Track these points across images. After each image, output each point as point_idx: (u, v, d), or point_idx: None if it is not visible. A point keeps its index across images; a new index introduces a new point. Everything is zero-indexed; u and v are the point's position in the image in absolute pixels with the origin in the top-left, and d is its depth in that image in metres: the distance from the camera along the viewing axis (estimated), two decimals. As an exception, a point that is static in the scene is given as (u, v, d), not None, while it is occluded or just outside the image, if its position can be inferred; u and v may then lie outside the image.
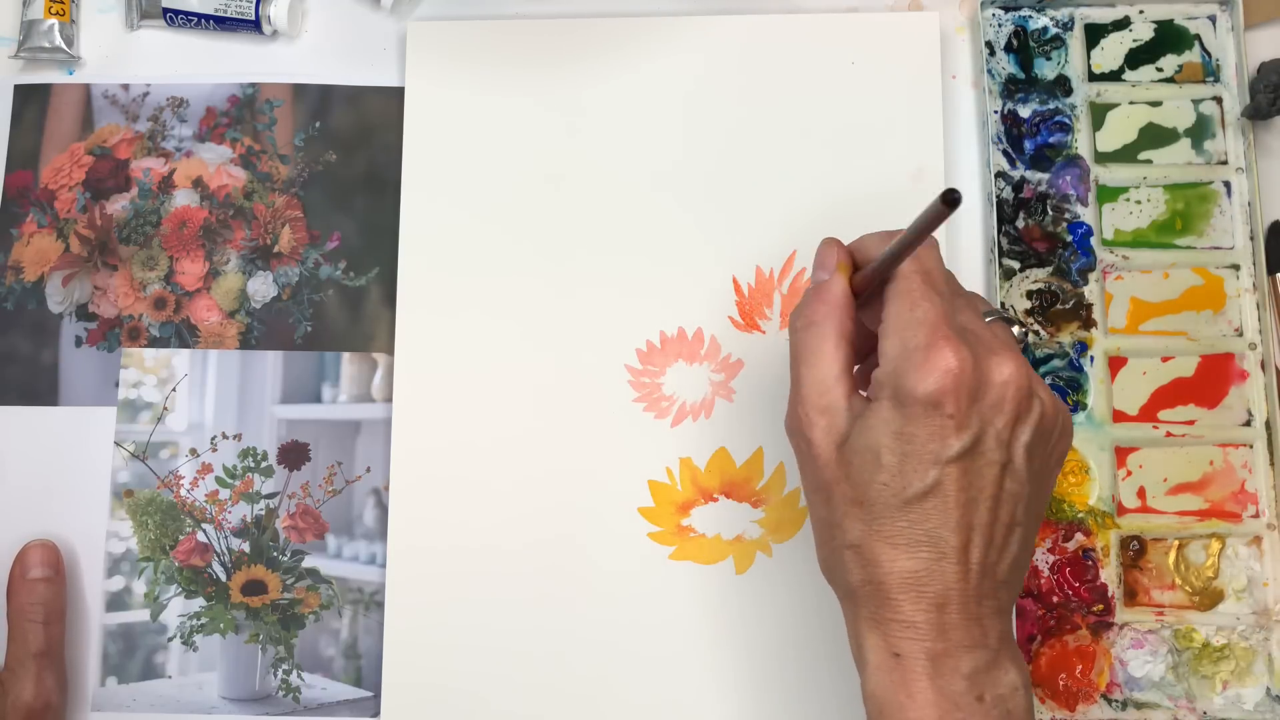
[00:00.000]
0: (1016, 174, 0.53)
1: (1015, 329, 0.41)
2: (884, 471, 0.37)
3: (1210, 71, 0.54)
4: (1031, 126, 0.54)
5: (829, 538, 0.39)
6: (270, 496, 0.52)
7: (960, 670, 0.37)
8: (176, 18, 0.55)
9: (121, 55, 0.56)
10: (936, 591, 0.37)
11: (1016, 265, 0.53)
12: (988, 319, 0.40)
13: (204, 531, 0.52)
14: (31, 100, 0.56)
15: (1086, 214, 0.53)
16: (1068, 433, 0.40)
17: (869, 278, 0.40)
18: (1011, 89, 0.54)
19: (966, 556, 0.37)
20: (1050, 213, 0.53)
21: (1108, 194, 0.53)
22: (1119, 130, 0.54)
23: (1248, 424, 0.51)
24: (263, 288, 0.54)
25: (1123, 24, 0.55)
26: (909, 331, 0.38)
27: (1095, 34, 0.55)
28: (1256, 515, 0.51)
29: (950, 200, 0.34)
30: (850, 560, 0.38)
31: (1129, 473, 0.51)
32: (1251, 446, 0.51)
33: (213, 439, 0.53)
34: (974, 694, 0.37)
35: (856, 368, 0.41)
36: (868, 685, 0.38)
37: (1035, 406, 0.38)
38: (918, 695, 0.37)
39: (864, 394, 0.40)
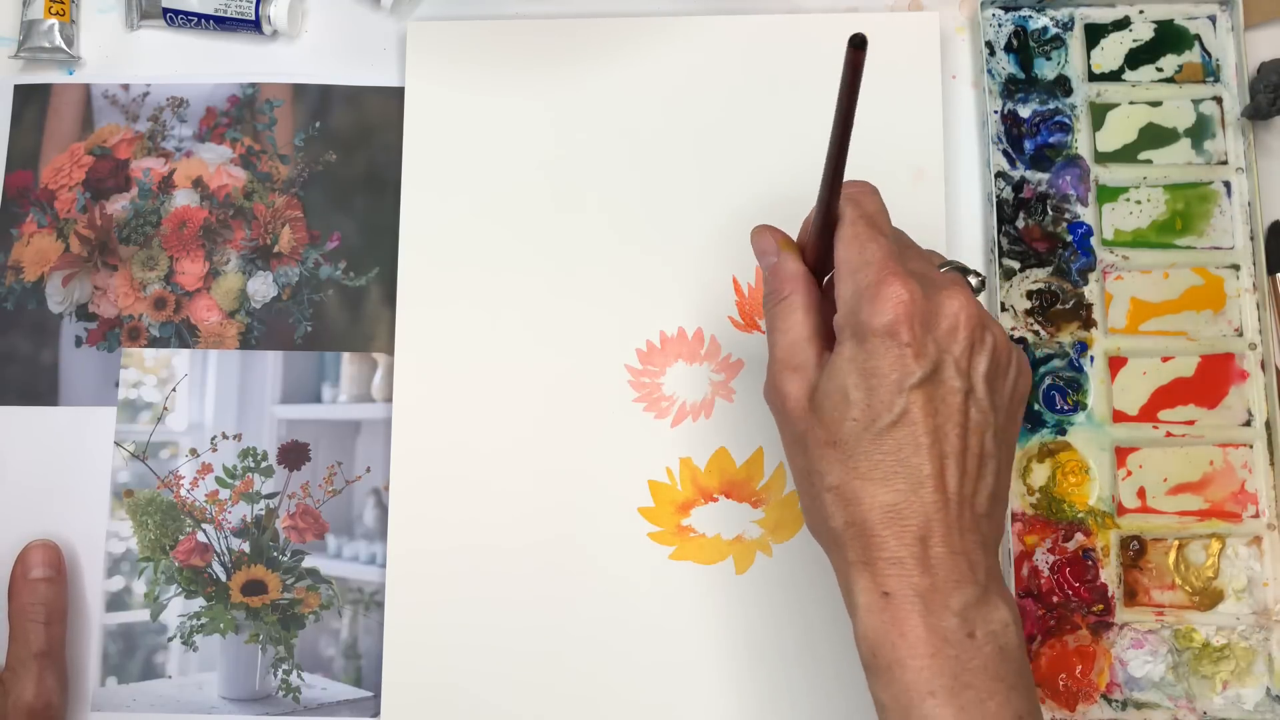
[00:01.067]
0: (1016, 174, 0.53)
1: (971, 279, 0.43)
2: (853, 408, 0.38)
3: (1210, 71, 0.54)
4: (1031, 126, 0.54)
5: (809, 486, 0.40)
6: (270, 496, 0.52)
7: (950, 607, 0.37)
8: (176, 18, 0.55)
9: (121, 55, 0.56)
10: (918, 524, 0.37)
11: (1016, 265, 0.53)
12: (942, 269, 0.42)
13: (204, 531, 0.52)
14: (31, 100, 0.56)
15: (1086, 214, 0.53)
16: (1025, 371, 0.41)
17: (820, 221, 0.41)
18: (1011, 89, 0.54)
19: (943, 485, 0.38)
20: (1050, 213, 0.53)
21: (1108, 194, 0.53)
22: (1119, 130, 0.54)
23: (1248, 424, 0.51)
24: (263, 288, 0.54)
25: (1123, 24, 0.55)
26: (860, 273, 0.39)
27: (1095, 34, 0.55)
28: (1256, 515, 0.51)
29: (857, 43, 0.34)
30: (831, 503, 0.39)
31: (1129, 473, 0.51)
32: (1251, 446, 0.51)
33: (213, 439, 0.53)
34: (965, 630, 0.37)
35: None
36: (859, 627, 0.38)
37: (988, 338, 0.40)
38: (909, 633, 0.37)
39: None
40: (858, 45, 0.35)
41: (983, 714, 0.36)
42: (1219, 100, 0.54)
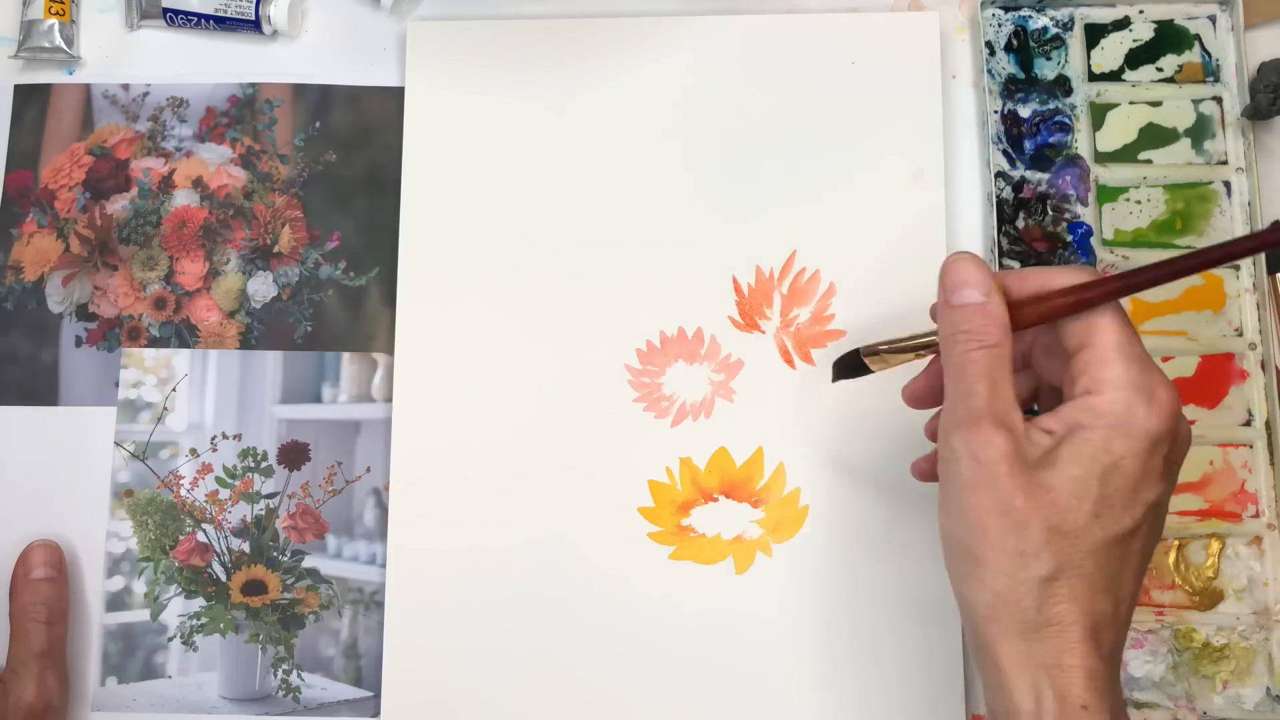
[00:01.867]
0: (1016, 174, 0.53)
1: None
2: (1094, 503, 0.36)
3: (1210, 71, 0.54)
4: (1031, 126, 0.54)
5: (1015, 568, 0.36)
6: (270, 496, 0.52)
7: None
8: (176, 18, 0.55)
9: (121, 55, 0.56)
10: (1113, 639, 0.36)
11: (1017, 265, 0.53)
12: None
13: (204, 531, 0.52)
14: (31, 100, 0.56)
15: (1086, 214, 0.53)
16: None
17: (1070, 298, 0.38)
18: (1011, 89, 0.54)
19: (1131, 605, 0.37)
20: (1050, 213, 0.53)
21: (1108, 194, 0.53)
22: (1119, 130, 0.54)
23: (1248, 424, 0.51)
24: (263, 288, 0.54)
25: (1123, 24, 0.55)
26: (1133, 365, 0.37)
27: (1095, 34, 0.55)
28: (1256, 515, 0.51)
29: None
30: (1041, 594, 0.36)
31: (1129, 473, 0.51)
32: (1251, 446, 0.51)
33: (213, 439, 0.53)
34: None
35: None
36: None
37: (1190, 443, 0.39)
38: None
39: (1035, 425, 0.38)
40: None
41: None
42: (1219, 100, 0.54)
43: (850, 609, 0.50)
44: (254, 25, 0.55)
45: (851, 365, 0.44)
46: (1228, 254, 0.37)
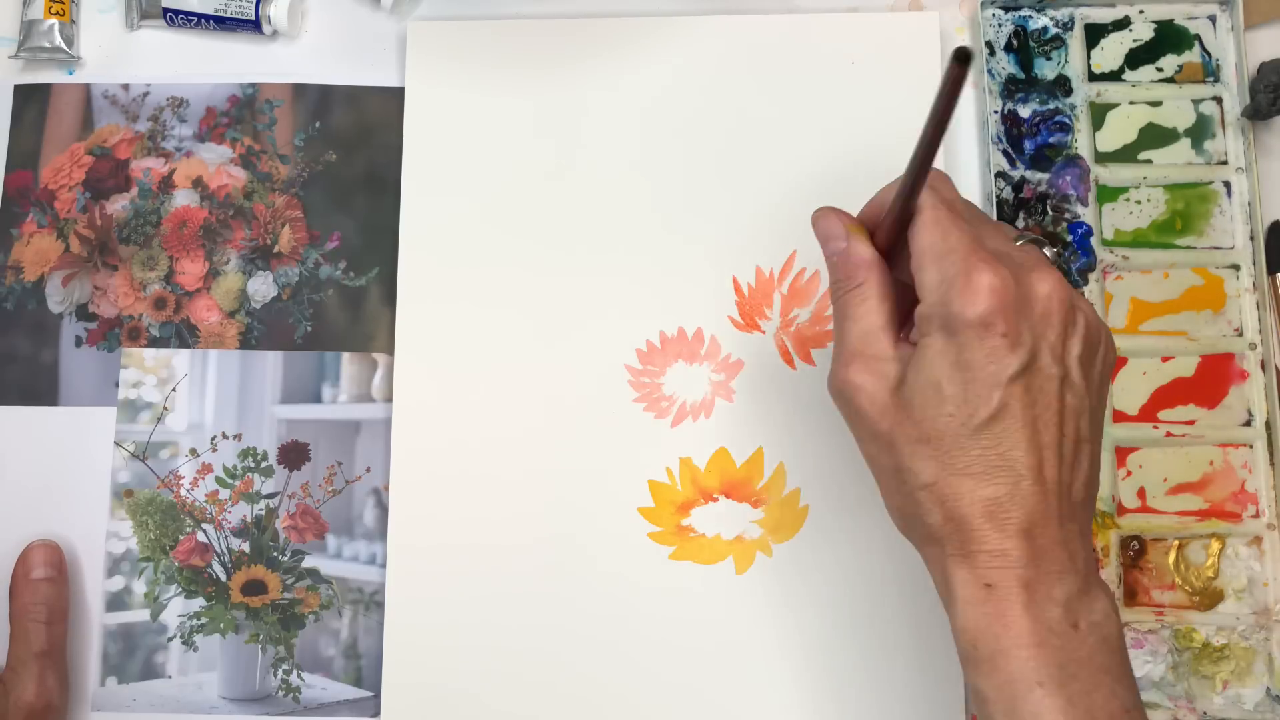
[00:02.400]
0: (1016, 174, 0.53)
1: (1047, 250, 0.41)
2: (948, 403, 0.37)
3: (1210, 71, 0.54)
4: (1031, 126, 0.54)
5: (899, 484, 0.39)
6: (270, 496, 0.52)
7: (1054, 597, 0.36)
8: (176, 18, 0.55)
9: (121, 55, 0.56)
10: (1020, 517, 0.37)
11: (1016, 265, 0.52)
12: (1018, 243, 0.40)
13: (204, 531, 0.52)
14: (31, 100, 0.56)
15: (1086, 214, 0.53)
16: (1111, 345, 0.40)
17: (899, 210, 0.39)
18: (1011, 89, 0.54)
19: (1042, 476, 0.37)
20: (1050, 213, 0.53)
21: (1108, 194, 0.53)
22: (1119, 130, 0.54)
23: (1248, 424, 0.51)
24: (263, 288, 0.54)
25: (1123, 24, 0.55)
26: (945, 260, 0.38)
27: (1095, 34, 0.55)
28: (1256, 515, 0.51)
29: (962, 57, 0.33)
30: (927, 501, 0.38)
31: (1129, 473, 0.51)
32: (1251, 446, 0.51)
33: (213, 439, 0.53)
34: (1069, 621, 0.36)
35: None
36: (959, 620, 0.37)
37: (1080, 318, 0.39)
38: (1013, 624, 0.36)
39: (909, 341, 0.39)
40: (962, 60, 0.33)
41: (1089, 706, 0.36)
42: (1219, 100, 0.54)
43: (850, 609, 0.50)
44: (254, 25, 0.55)
45: None
46: (942, 117, 0.37)
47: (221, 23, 0.55)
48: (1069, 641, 0.36)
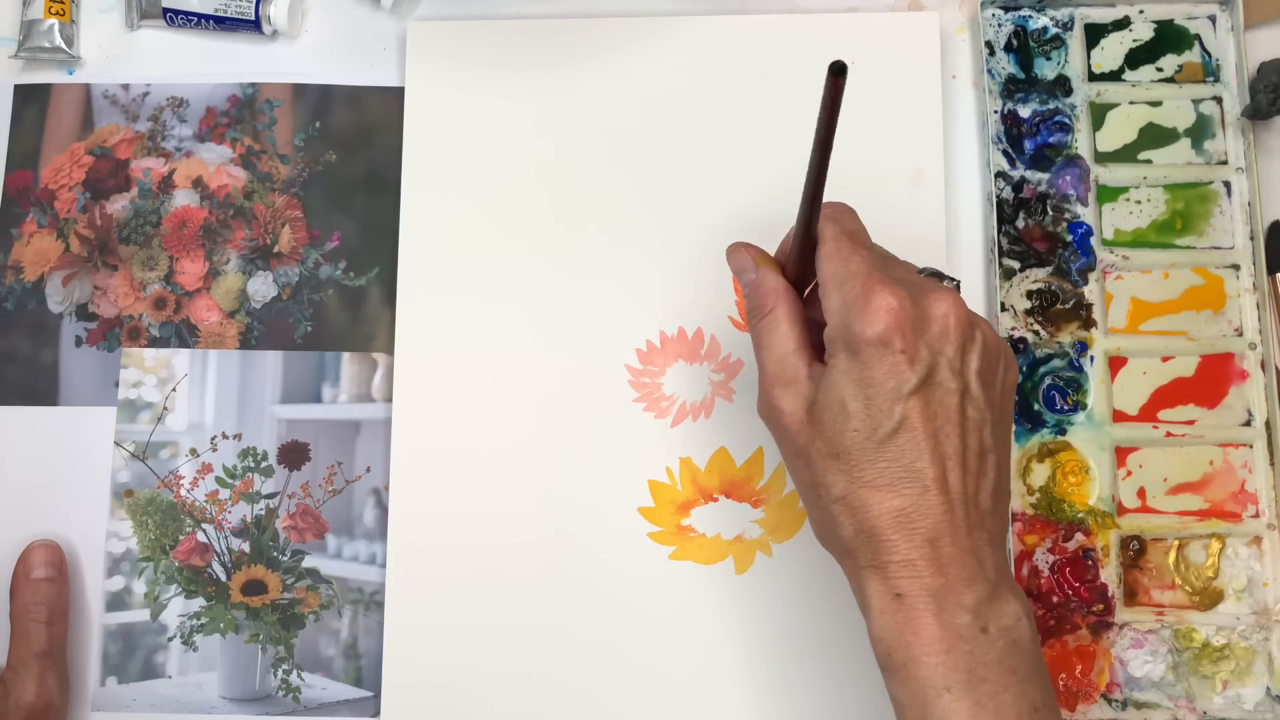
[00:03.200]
0: (1016, 174, 0.53)
1: (947, 282, 0.43)
2: (852, 419, 0.39)
3: (1210, 71, 0.54)
4: (1031, 126, 0.54)
5: (816, 498, 0.40)
6: (270, 496, 0.52)
7: (962, 604, 0.38)
8: (176, 18, 0.55)
9: (121, 55, 0.56)
10: (927, 526, 0.38)
11: (1016, 265, 0.53)
12: (920, 273, 0.42)
13: (204, 531, 0.52)
14: (31, 100, 0.56)
15: (1086, 214, 0.53)
16: (1012, 363, 0.42)
17: (800, 239, 0.42)
18: (1011, 89, 0.54)
19: (946, 486, 0.39)
20: (1050, 213, 0.53)
21: (1108, 194, 0.53)
22: (1119, 130, 0.54)
23: (1248, 424, 0.51)
24: (263, 288, 0.54)
25: (1123, 24, 0.55)
26: (846, 285, 0.40)
27: (1095, 34, 0.55)
28: (1256, 515, 0.51)
29: (837, 70, 0.34)
30: (839, 513, 0.39)
31: (1129, 473, 0.51)
32: (1251, 446, 0.51)
33: (213, 439, 0.53)
34: (978, 626, 0.37)
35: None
36: (873, 629, 0.39)
37: (977, 335, 0.40)
38: (923, 632, 0.37)
39: (823, 363, 0.41)
40: (837, 72, 0.35)
41: (998, 706, 0.37)
42: (1219, 100, 0.54)
43: (850, 609, 0.49)
44: (254, 25, 0.55)
45: None
46: (825, 141, 0.39)
47: (221, 23, 0.55)
48: (978, 646, 0.37)
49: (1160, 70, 0.54)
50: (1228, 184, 0.53)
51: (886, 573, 0.38)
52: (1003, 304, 0.52)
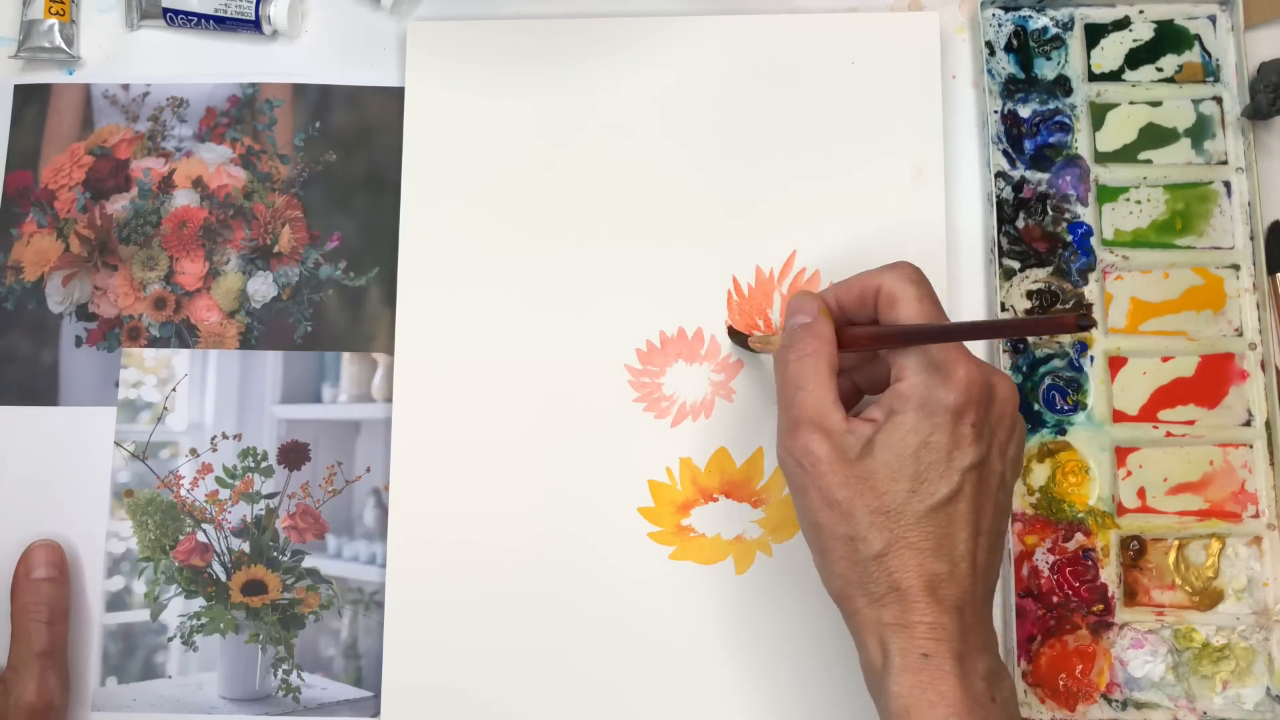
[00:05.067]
0: (1016, 174, 0.53)
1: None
2: (910, 479, 0.40)
3: (1210, 71, 0.54)
4: (1031, 126, 0.54)
5: (849, 552, 0.41)
6: (270, 496, 0.52)
7: (978, 670, 0.39)
8: (176, 18, 0.55)
9: (121, 55, 0.56)
10: (956, 594, 0.40)
11: (1016, 265, 0.53)
12: None
13: (204, 531, 0.52)
14: (31, 100, 0.56)
15: (1086, 214, 0.53)
16: (1024, 451, 0.45)
17: (874, 336, 0.43)
18: (1011, 89, 0.54)
19: (975, 560, 0.40)
20: (1050, 213, 0.53)
21: (1108, 194, 0.53)
22: (1119, 130, 0.54)
23: (1248, 424, 0.51)
24: (263, 288, 0.54)
25: (1123, 24, 0.55)
26: (930, 348, 0.41)
27: (1095, 34, 0.55)
28: (1256, 515, 0.51)
29: (1084, 325, 0.35)
30: (875, 570, 0.40)
31: (1129, 473, 0.51)
32: (1251, 446, 0.51)
33: (213, 439, 0.53)
34: (989, 694, 0.39)
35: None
36: (894, 685, 0.39)
37: (1019, 426, 0.43)
38: (947, 693, 0.38)
39: (861, 418, 0.42)
40: (1084, 327, 0.35)
41: None
42: (1219, 100, 0.54)
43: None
44: (254, 25, 0.55)
45: (738, 337, 0.51)
46: (1024, 330, 0.42)
47: (221, 23, 0.55)
48: (990, 713, 0.39)
49: (1160, 70, 0.54)
50: (1228, 184, 0.53)
51: (914, 632, 0.39)
52: (1003, 304, 0.52)
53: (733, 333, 0.51)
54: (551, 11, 0.56)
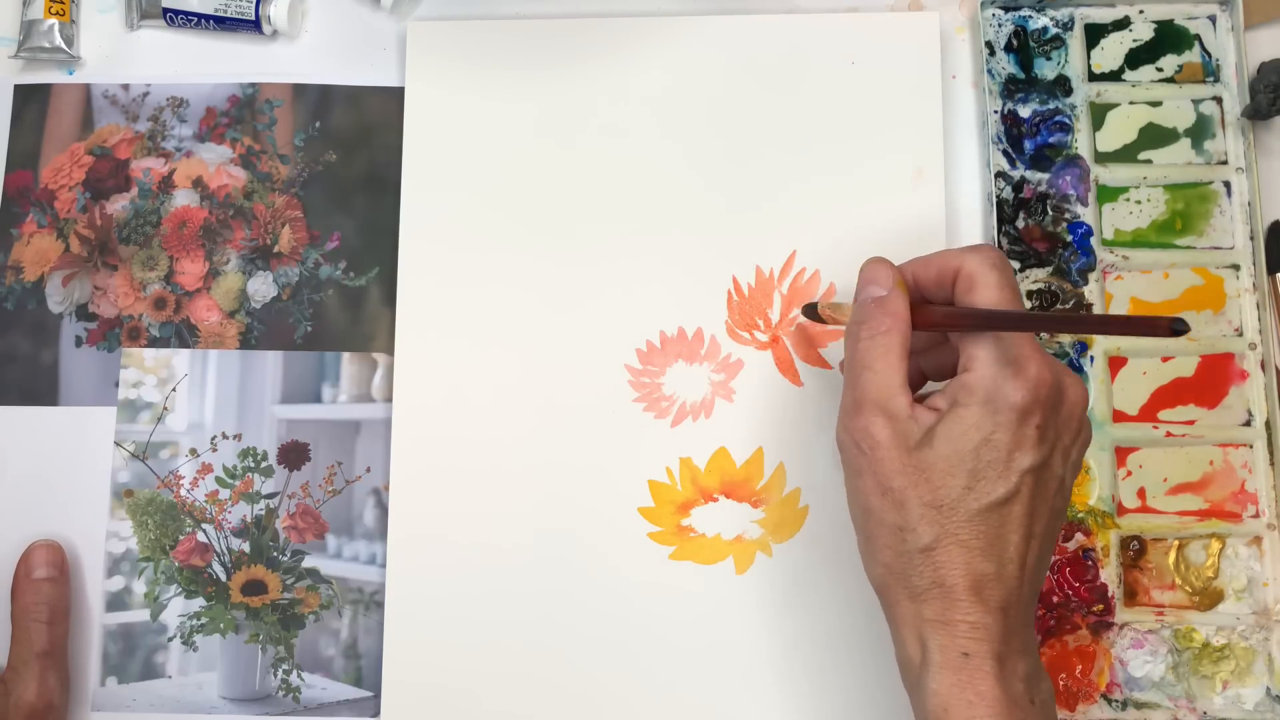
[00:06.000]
0: (1016, 174, 0.53)
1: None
2: (967, 476, 0.39)
3: (1210, 71, 0.54)
4: (1031, 126, 0.54)
5: (896, 541, 0.40)
6: (270, 496, 0.52)
7: (1018, 672, 0.39)
8: (176, 18, 0.55)
9: (121, 55, 0.56)
10: (1002, 595, 0.39)
11: (1017, 265, 0.53)
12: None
13: (204, 531, 0.52)
14: (31, 100, 0.56)
15: (1086, 214, 0.53)
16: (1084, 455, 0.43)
17: (951, 316, 0.41)
18: (1011, 89, 0.54)
19: (1025, 563, 0.39)
20: (1050, 213, 0.53)
21: (1108, 194, 0.53)
22: (1119, 130, 0.54)
23: (1248, 424, 0.51)
24: (263, 288, 0.54)
25: (1123, 24, 0.55)
26: (1003, 340, 0.39)
27: (1095, 34, 0.55)
28: (1256, 515, 0.51)
29: (1179, 329, 0.34)
30: (921, 563, 0.39)
31: (1129, 473, 0.51)
32: (1251, 446, 0.51)
33: (213, 439, 0.53)
34: (1028, 696, 0.39)
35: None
36: (932, 683, 0.39)
37: (1086, 428, 0.41)
38: (986, 694, 0.38)
39: (925, 406, 0.40)
40: (1178, 332, 0.34)
41: None
42: (1219, 100, 0.54)
43: (849, 609, 0.50)
44: (254, 25, 0.55)
45: (812, 310, 0.49)
46: (1110, 328, 0.40)
47: (221, 23, 0.55)
48: (1028, 715, 0.38)
49: (1160, 70, 0.54)
50: (1228, 184, 0.53)
51: (955, 631, 0.39)
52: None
53: (809, 308, 0.49)
54: (551, 11, 0.56)
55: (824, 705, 0.49)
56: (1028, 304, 0.52)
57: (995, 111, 0.54)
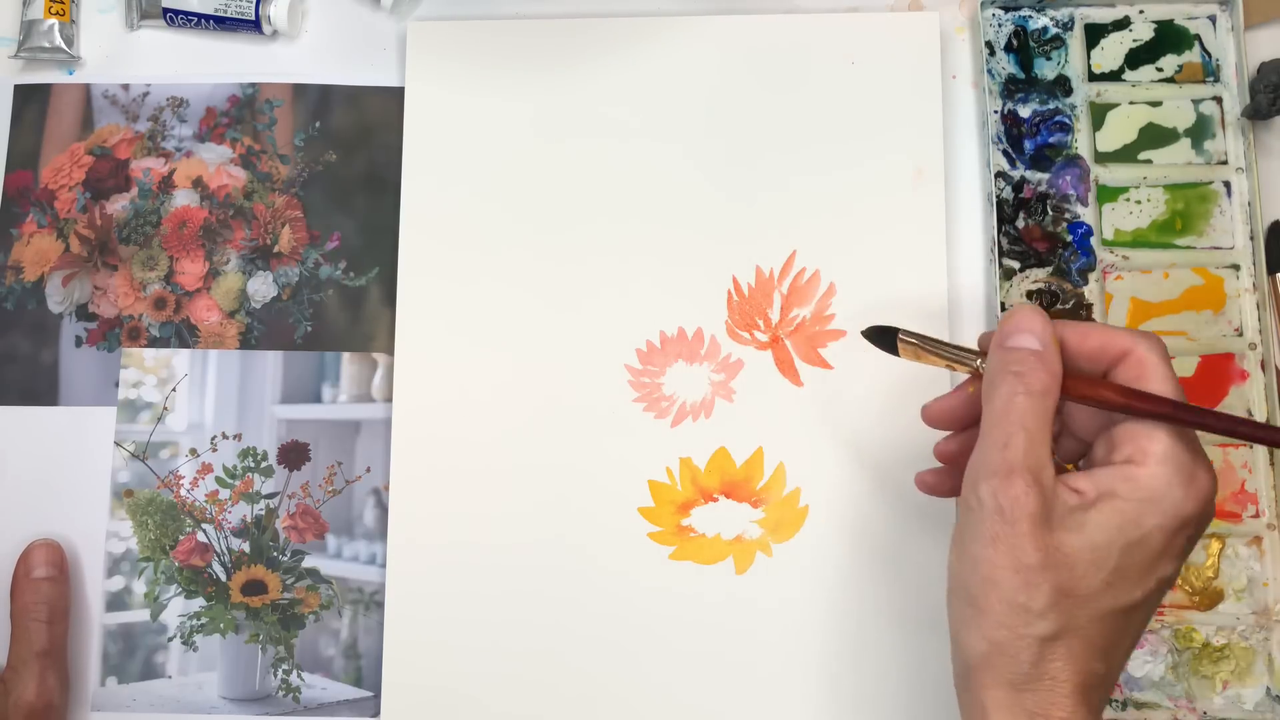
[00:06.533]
0: (1016, 174, 0.53)
1: None
2: (1111, 573, 0.36)
3: (1210, 71, 0.54)
4: (1031, 126, 0.54)
5: (1017, 622, 0.36)
6: (270, 496, 0.52)
7: None
8: (176, 18, 0.55)
9: (121, 55, 0.56)
10: (1102, 697, 0.37)
11: (1016, 265, 0.53)
12: None
13: (204, 531, 0.52)
14: (31, 100, 0.56)
15: (1086, 214, 0.53)
16: None
17: (1134, 396, 0.38)
18: (1011, 89, 0.54)
19: (1124, 665, 0.38)
20: (1050, 213, 0.53)
21: (1108, 194, 0.53)
22: (1119, 130, 0.54)
23: (1248, 424, 0.51)
24: (263, 288, 0.54)
25: (1123, 24, 0.55)
26: (1180, 442, 0.37)
27: (1095, 34, 0.55)
28: (1256, 515, 0.51)
29: None
30: (1038, 651, 0.36)
31: (1129, 473, 0.51)
32: (1251, 447, 0.51)
33: (213, 439, 0.53)
34: None
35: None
36: None
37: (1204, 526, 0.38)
38: None
39: (1065, 485, 0.38)
40: None
41: None
42: (1219, 100, 0.54)
43: (849, 609, 0.50)
44: (254, 25, 0.55)
45: (882, 337, 0.43)
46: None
47: (221, 23, 0.55)
48: None
49: (1160, 70, 0.54)
50: (1228, 184, 0.53)
51: None
52: (1003, 304, 0.52)
53: (878, 330, 0.43)
54: (551, 11, 0.56)
55: (822, 705, 0.49)
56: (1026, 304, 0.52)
57: (995, 111, 0.54)
